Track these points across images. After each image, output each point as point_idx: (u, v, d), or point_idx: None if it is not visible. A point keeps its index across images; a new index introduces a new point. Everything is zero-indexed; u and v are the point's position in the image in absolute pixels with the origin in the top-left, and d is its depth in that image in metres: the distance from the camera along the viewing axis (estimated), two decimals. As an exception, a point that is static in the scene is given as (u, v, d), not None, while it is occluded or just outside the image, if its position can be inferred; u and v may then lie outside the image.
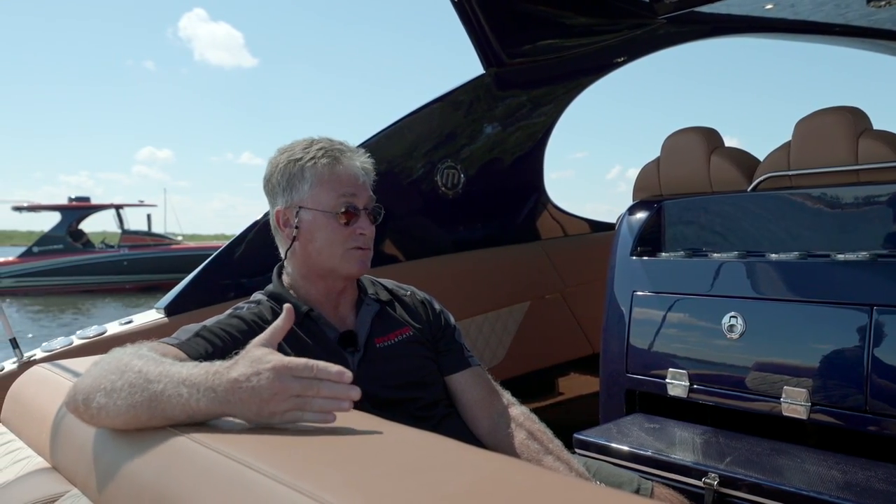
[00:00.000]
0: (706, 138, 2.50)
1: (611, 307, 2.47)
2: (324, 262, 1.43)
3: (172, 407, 0.99)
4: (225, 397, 0.97)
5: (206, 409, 0.98)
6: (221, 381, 0.98)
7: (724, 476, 1.73)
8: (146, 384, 1.01)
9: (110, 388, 1.03)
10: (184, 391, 0.99)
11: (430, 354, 1.51)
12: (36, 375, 1.62)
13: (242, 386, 0.96)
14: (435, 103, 3.00)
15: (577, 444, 2.04)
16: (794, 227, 2.18)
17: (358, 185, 1.43)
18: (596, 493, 0.74)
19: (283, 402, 0.96)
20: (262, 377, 0.96)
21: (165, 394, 0.99)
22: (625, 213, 2.59)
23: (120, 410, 1.02)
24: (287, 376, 0.96)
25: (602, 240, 3.06)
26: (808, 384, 1.90)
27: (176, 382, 1.00)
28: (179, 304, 2.34)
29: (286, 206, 1.44)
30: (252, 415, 0.97)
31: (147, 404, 1.00)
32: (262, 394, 0.95)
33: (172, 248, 21.26)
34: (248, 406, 0.96)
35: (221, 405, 0.97)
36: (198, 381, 0.99)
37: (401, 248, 2.95)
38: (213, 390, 0.97)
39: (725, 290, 2.16)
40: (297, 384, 0.96)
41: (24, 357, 2.08)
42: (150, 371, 1.03)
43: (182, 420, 1.00)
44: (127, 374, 1.03)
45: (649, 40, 3.49)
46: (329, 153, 1.42)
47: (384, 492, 0.74)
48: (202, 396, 0.97)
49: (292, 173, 1.42)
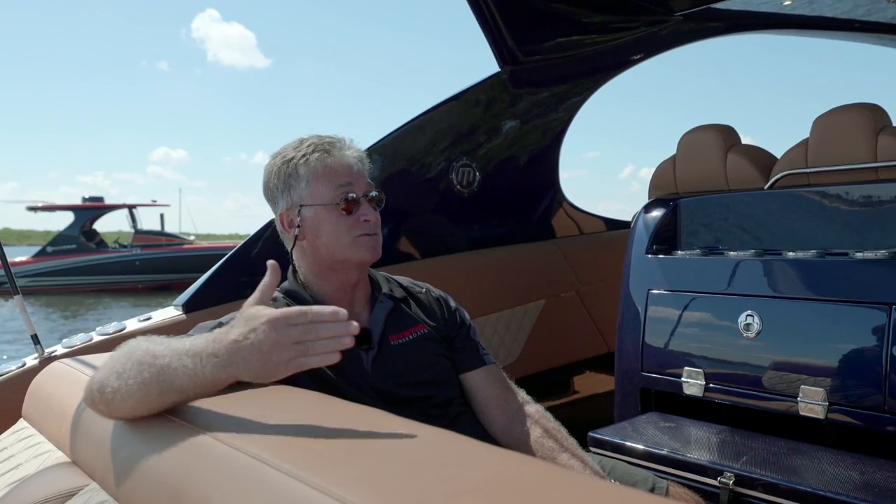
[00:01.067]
0: (723, 136, 2.49)
1: (626, 305, 2.46)
2: (334, 255, 1.43)
3: (180, 378, 1.01)
4: (228, 359, 0.99)
5: (212, 376, 1.01)
6: (222, 344, 1.00)
7: (740, 475, 1.72)
8: (153, 360, 1.03)
9: (121, 370, 1.06)
10: (188, 361, 1.01)
11: (444, 352, 1.52)
12: (56, 371, 1.64)
13: (242, 344, 0.99)
14: (450, 101, 3.00)
15: (591, 443, 2.03)
16: (811, 225, 2.16)
17: (353, 173, 1.43)
18: (611, 491, 0.74)
19: (285, 350, 0.98)
20: (258, 331, 0.98)
21: (171, 366, 1.02)
22: (640, 210, 2.58)
23: (132, 391, 1.04)
24: (283, 325, 0.98)
25: (617, 238, 3.04)
26: (826, 383, 1.88)
27: (180, 354, 1.02)
28: (197, 301, 2.36)
29: (287, 207, 1.45)
30: (257, 370, 0.99)
31: (156, 379, 1.02)
32: (263, 347, 0.98)
33: (184, 248, 21.43)
34: (251, 363, 0.99)
35: (226, 367, 1.00)
36: (200, 350, 1.01)
37: (416, 246, 2.96)
38: (215, 355, 1.00)
39: (742, 288, 2.14)
40: (295, 331, 0.98)
41: (44, 353, 2.11)
42: (155, 348, 1.05)
43: (191, 391, 1.02)
44: (135, 355, 1.06)
45: (666, 37, 3.47)
46: (319, 147, 1.43)
47: (398, 488, 0.74)
48: (206, 363, 1.00)
49: (288, 174, 1.43)
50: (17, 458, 1.49)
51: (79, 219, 20.93)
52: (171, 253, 21.01)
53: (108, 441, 1.11)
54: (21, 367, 2.11)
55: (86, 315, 15.62)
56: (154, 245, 21.36)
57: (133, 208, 22.59)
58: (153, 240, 21.76)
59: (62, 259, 20.05)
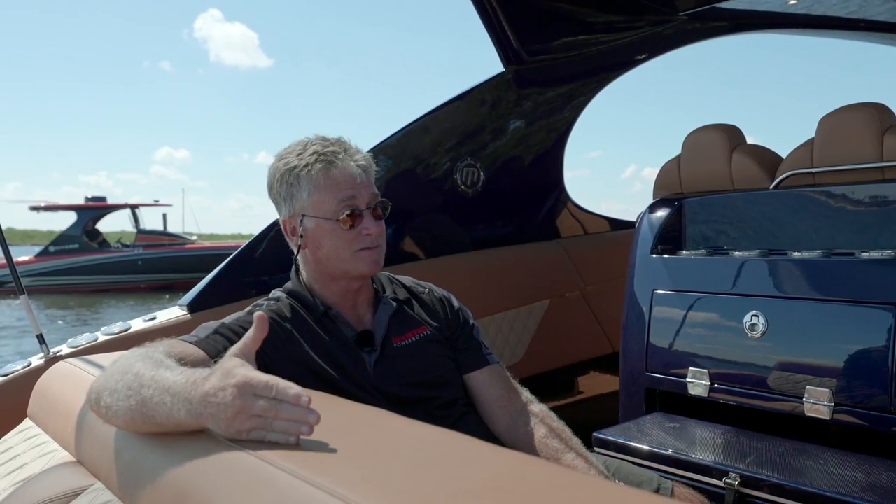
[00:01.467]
0: (728, 135, 2.48)
1: (631, 306, 2.45)
2: (334, 266, 1.43)
3: (160, 415, 0.97)
4: (198, 410, 0.94)
5: (185, 421, 0.96)
6: (196, 393, 0.94)
7: (746, 476, 1.71)
8: (139, 388, 1.00)
9: (114, 388, 1.05)
10: (167, 399, 0.97)
11: (447, 353, 1.51)
12: (61, 371, 1.64)
13: (211, 401, 0.93)
14: (454, 101, 3.00)
15: (596, 443, 2.03)
16: (817, 225, 2.15)
17: (356, 185, 1.39)
18: (615, 491, 0.74)
19: (246, 420, 0.92)
20: (226, 393, 0.92)
21: (153, 400, 0.98)
22: (645, 210, 2.57)
23: (119, 412, 1.03)
24: (249, 394, 0.92)
25: (622, 238, 3.04)
26: (832, 384, 1.87)
27: (162, 390, 0.98)
28: (202, 301, 2.36)
29: (290, 215, 1.44)
30: (221, 429, 0.94)
31: (139, 409, 1.00)
32: (227, 411, 0.92)
33: (187, 248, 21.37)
34: (217, 420, 0.93)
35: (196, 418, 0.95)
36: (178, 391, 0.96)
37: (420, 246, 2.95)
38: (189, 402, 0.95)
39: (747, 288, 2.14)
40: (259, 403, 0.92)
41: (50, 353, 2.11)
42: (144, 375, 1.01)
43: (170, 428, 0.98)
44: (127, 377, 1.03)
45: (670, 37, 3.46)
46: (322, 157, 1.39)
47: (403, 488, 0.74)
48: (181, 407, 0.95)
49: (290, 183, 1.41)
50: (23, 457, 1.49)
51: (81, 218, 20.91)
52: (173, 253, 20.96)
53: (112, 441, 1.11)
54: (27, 366, 2.12)
55: (85, 315, 15.65)
56: (156, 245, 21.31)
57: (135, 208, 22.56)
58: (155, 239, 21.70)
59: (64, 259, 20.04)
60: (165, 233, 22.96)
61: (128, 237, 22.47)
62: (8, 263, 2.18)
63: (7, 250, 2.19)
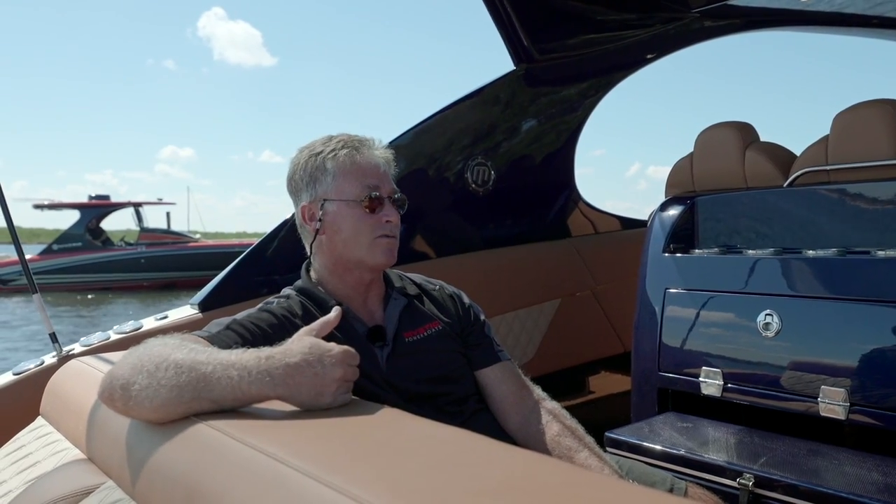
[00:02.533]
0: (741, 133, 2.46)
1: (643, 305, 2.44)
2: (351, 253, 1.43)
3: (221, 388, 1.02)
4: (282, 381, 1.02)
5: (257, 392, 1.03)
6: (278, 365, 1.03)
7: (760, 477, 1.70)
8: (195, 365, 1.04)
9: (152, 369, 1.05)
10: (234, 374, 1.02)
11: (459, 349, 1.51)
12: (73, 369, 1.65)
13: (304, 372, 1.02)
14: (465, 100, 2.99)
15: (608, 443, 2.02)
16: (832, 224, 2.13)
17: (380, 174, 1.44)
18: (631, 491, 0.73)
19: (342, 386, 1.05)
20: (326, 364, 1.04)
21: (215, 376, 1.03)
22: (657, 209, 2.56)
23: (161, 391, 1.03)
24: (351, 363, 1.06)
25: (633, 237, 3.02)
26: (847, 384, 1.85)
27: (226, 366, 1.03)
28: (213, 300, 2.36)
29: (311, 200, 1.45)
30: (308, 398, 1.03)
31: (193, 385, 1.02)
32: (325, 380, 1.03)
33: (189, 246, 21.38)
34: (305, 390, 1.03)
35: (275, 388, 1.02)
36: (249, 366, 1.03)
37: (431, 245, 2.95)
38: (268, 374, 1.02)
39: (761, 287, 2.12)
40: (351, 370, 1.06)
41: (63, 351, 2.12)
42: (197, 354, 1.07)
43: (227, 402, 1.03)
44: (175, 355, 1.06)
45: (682, 35, 3.44)
46: (348, 144, 1.44)
47: (414, 488, 0.73)
48: (254, 380, 1.02)
49: (315, 167, 1.43)
50: (35, 455, 1.50)
51: (84, 217, 20.93)
52: (176, 251, 20.97)
53: (123, 439, 1.11)
54: (39, 364, 2.13)
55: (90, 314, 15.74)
56: (159, 243, 21.33)
57: (139, 206, 22.56)
58: (159, 238, 21.70)
59: (68, 257, 20.06)
60: (169, 231, 22.97)
61: (132, 235, 22.50)
62: (21, 262, 2.20)
63: (20, 250, 2.20)
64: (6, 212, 2.08)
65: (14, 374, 2.13)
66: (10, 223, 2.13)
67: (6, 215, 2.09)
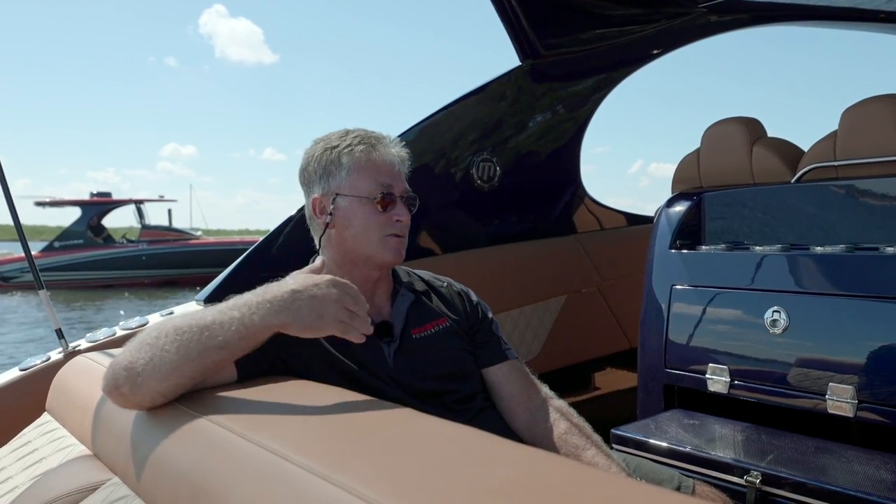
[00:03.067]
0: (748, 129, 2.45)
1: (649, 301, 2.43)
2: (360, 249, 1.43)
3: (226, 330, 1.06)
4: (284, 306, 1.08)
5: (261, 322, 1.08)
6: (278, 293, 1.10)
7: (767, 474, 1.69)
8: (194, 321, 1.08)
9: (153, 341, 1.08)
10: (236, 312, 1.08)
11: (466, 346, 1.50)
12: (79, 365, 1.65)
13: (302, 294, 1.09)
14: (470, 96, 2.98)
15: (614, 440, 2.01)
16: (840, 220, 2.12)
17: (394, 172, 1.44)
18: (637, 489, 0.72)
19: (340, 309, 1.10)
20: (321, 286, 1.10)
21: (217, 321, 1.07)
22: (663, 205, 2.55)
23: (166, 357, 1.05)
24: (342, 286, 1.12)
25: (639, 233, 3.01)
26: (855, 381, 1.84)
27: (225, 309, 1.10)
28: (219, 295, 2.36)
29: (323, 193, 1.45)
30: (309, 321, 1.09)
31: (197, 338, 1.06)
32: (323, 300, 1.09)
33: (191, 244, 21.37)
34: (305, 312, 1.08)
35: (279, 314, 1.08)
36: (251, 301, 1.10)
37: (437, 242, 2.94)
38: (269, 302, 1.09)
39: (768, 283, 2.11)
40: (348, 297, 1.12)
41: (69, 347, 2.12)
42: (194, 314, 1.11)
43: (234, 342, 1.07)
44: (171, 323, 1.10)
45: (688, 30, 3.42)
46: (365, 140, 1.44)
47: (419, 486, 0.73)
48: (259, 309, 1.08)
49: (329, 160, 1.43)
50: (41, 451, 1.50)
51: (86, 214, 20.89)
52: (177, 248, 20.96)
53: (129, 435, 1.11)
54: (45, 360, 2.13)
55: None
56: (161, 240, 21.31)
57: (140, 203, 22.51)
58: (160, 235, 21.68)
59: (69, 254, 20.03)
60: (170, 228, 22.97)
61: (133, 233, 22.46)
62: (28, 259, 2.20)
63: (26, 247, 2.20)
64: (12, 210, 2.09)
65: (20, 370, 2.13)
66: (17, 221, 2.14)
67: (12, 213, 2.10)
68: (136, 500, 1.02)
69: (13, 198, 2.07)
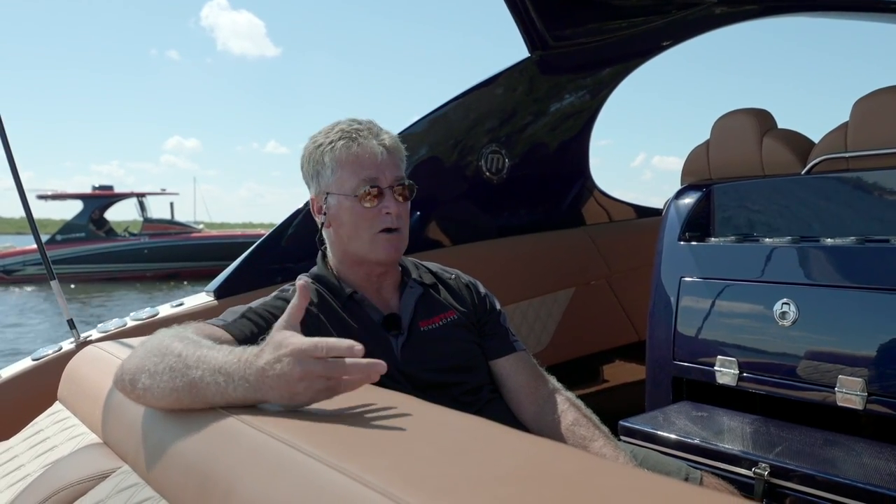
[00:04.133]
0: (758, 120, 2.43)
1: (657, 293, 2.42)
2: (354, 249, 1.43)
3: (212, 394, 1.00)
4: (257, 385, 0.97)
5: (242, 398, 0.98)
6: (252, 369, 0.97)
7: (776, 466, 1.68)
8: (185, 370, 1.02)
9: (153, 370, 1.05)
10: (220, 379, 0.99)
11: (474, 338, 1.50)
12: (90, 355, 1.66)
13: (269, 374, 0.96)
14: (479, 88, 2.98)
15: (622, 432, 2.01)
16: (851, 211, 2.10)
17: (377, 164, 1.39)
18: (645, 479, 0.72)
19: (313, 381, 0.95)
20: (283, 363, 0.95)
21: (204, 381, 1.00)
22: (672, 197, 2.54)
23: (164, 393, 1.04)
24: (308, 359, 0.95)
25: (648, 225, 3.00)
26: (865, 374, 1.83)
27: (213, 370, 1.00)
28: (228, 287, 2.38)
29: (316, 193, 1.45)
30: (286, 399, 0.97)
31: (188, 390, 1.01)
32: (289, 379, 0.95)
33: (193, 237, 21.33)
34: (278, 392, 0.96)
35: (255, 393, 0.97)
36: (231, 371, 0.99)
37: (445, 234, 2.95)
38: (245, 380, 0.97)
39: (778, 276, 2.10)
40: (320, 366, 0.95)
41: (80, 337, 2.14)
42: (189, 356, 1.03)
43: (222, 405, 1.00)
44: (168, 358, 1.04)
45: (699, 21, 3.40)
46: (346, 135, 1.40)
47: (429, 474, 0.73)
48: (237, 386, 0.97)
49: (316, 160, 1.43)
50: (53, 439, 1.52)
51: (87, 207, 20.84)
52: (179, 241, 20.91)
53: (139, 425, 1.12)
54: (57, 350, 2.15)
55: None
56: (163, 233, 21.26)
57: (142, 197, 22.45)
58: (162, 228, 21.65)
59: (71, 247, 19.95)
60: (172, 221, 22.92)
61: (135, 226, 22.37)
62: (40, 251, 2.23)
63: (38, 238, 2.22)
64: (25, 205, 2.11)
65: (33, 360, 2.15)
66: (30, 215, 2.16)
67: (25, 208, 2.12)
68: (145, 488, 1.03)
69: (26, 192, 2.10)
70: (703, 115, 4.80)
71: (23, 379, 2.10)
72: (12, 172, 2.07)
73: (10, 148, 2.01)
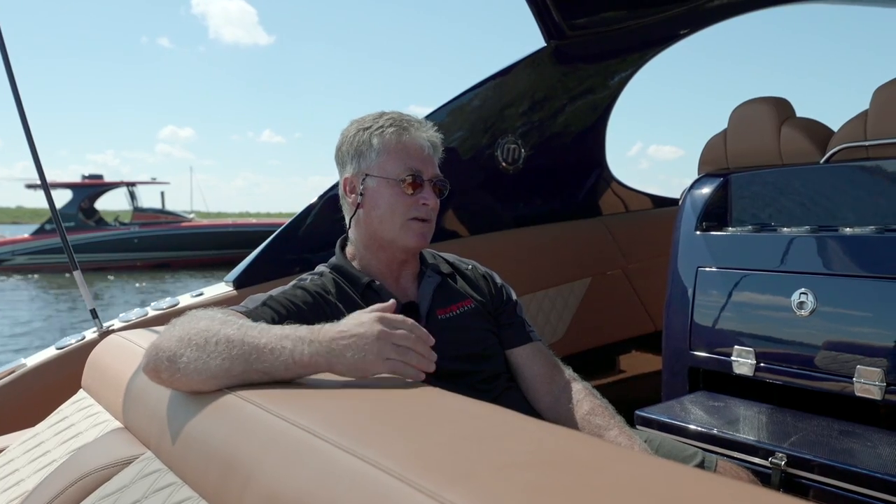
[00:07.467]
0: (777, 109, 2.41)
1: (674, 283, 2.42)
2: (384, 232, 1.45)
3: (274, 358, 1.04)
4: (330, 346, 1.04)
5: (307, 361, 1.05)
6: (326, 334, 1.06)
7: (793, 456, 1.68)
8: (246, 338, 1.06)
9: (202, 343, 1.07)
10: (288, 343, 1.05)
11: (491, 328, 1.51)
12: (113, 343, 1.69)
13: (346, 334, 1.05)
14: (495, 78, 2.98)
15: (638, 421, 2.01)
16: (870, 200, 2.08)
17: (424, 156, 1.45)
18: (661, 466, 0.73)
19: (385, 346, 1.05)
20: (365, 323, 1.06)
21: (269, 346, 1.05)
22: (689, 187, 2.53)
23: (210, 363, 1.05)
24: (389, 322, 1.07)
25: (665, 215, 2.99)
26: (883, 364, 1.82)
27: (279, 337, 1.06)
28: (247, 277, 2.40)
29: (354, 173, 1.47)
30: (354, 361, 1.04)
31: (246, 357, 1.05)
32: (367, 338, 1.04)
33: (183, 226, 21.07)
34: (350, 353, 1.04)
35: (327, 354, 1.04)
36: (303, 336, 1.06)
37: (462, 224, 2.95)
38: (318, 342, 1.05)
39: (796, 265, 2.08)
40: (399, 333, 1.06)
41: (103, 327, 2.18)
42: (249, 329, 1.09)
43: (279, 372, 1.06)
44: (225, 330, 1.08)
45: (716, 9, 3.36)
46: (397, 123, 1.45)
47: (446, 460, 0.74)
48: (307, 347, 1.05)
49: (361, 141, 1.46)
50: (78, 426, 1.55)
51: (77, 196, 20.48)
52: (169, 231, 20.67)
53: (161, 411, 1.14)
54: (81, 339, 2.19)
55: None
56: (153, 223, 20.99)
57: (132, 186, 22.05)
58: (152, 217, 21.37)
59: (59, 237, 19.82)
60: (163, 211, 22.58)
61: (126, 216, 22.07)
62: (62, 241, 2.27)
63: (61, 228, 2.26)
64: (48, 195, 2.15)
65: (57, 349, 2.19)
66: (52, 205, 2.20)
67: (49, 199, 2.16)
68: (168, 473, 1.05)
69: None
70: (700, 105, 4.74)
71: (47, 368, 2.14)
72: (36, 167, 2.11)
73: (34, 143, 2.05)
